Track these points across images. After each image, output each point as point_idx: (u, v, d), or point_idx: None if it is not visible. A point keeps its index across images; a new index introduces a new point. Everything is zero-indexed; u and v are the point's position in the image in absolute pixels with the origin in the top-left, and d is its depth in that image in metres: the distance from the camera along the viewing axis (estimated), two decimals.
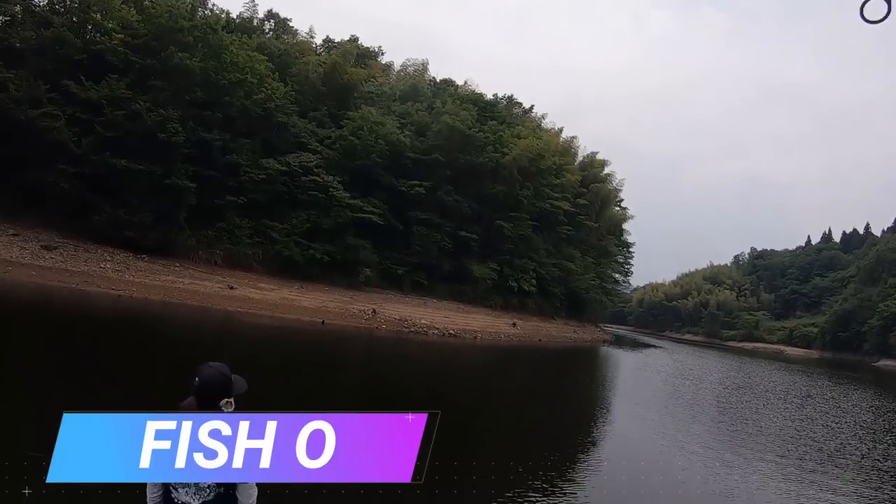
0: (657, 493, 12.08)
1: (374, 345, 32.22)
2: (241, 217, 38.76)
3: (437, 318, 41.48)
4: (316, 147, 44.58)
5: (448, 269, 48.04)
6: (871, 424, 23.73)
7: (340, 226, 40.98)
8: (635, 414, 22.12)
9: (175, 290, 31.31)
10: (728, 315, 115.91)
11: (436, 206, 47.80)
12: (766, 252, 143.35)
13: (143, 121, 33.26)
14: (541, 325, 52.92)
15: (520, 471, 12.20)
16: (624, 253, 79.49)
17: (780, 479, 13.83)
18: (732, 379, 38.88)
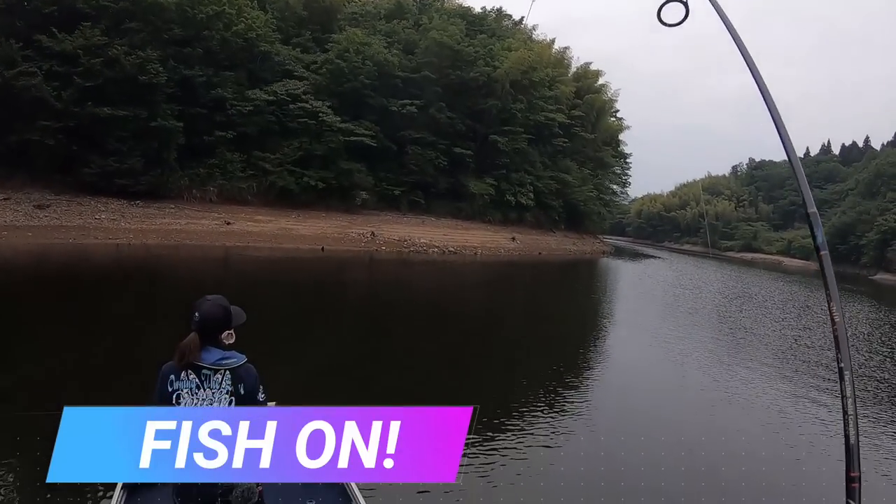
0: (662, 398, 12.61)
1: (375, 267, 32.58)
2: (232, 151, 38.40)
3: (437, 236, 41.72)
4: (302, 73, 43.73)
5: (445, 186, 48.00)
6: (868, 336, 23.72)
7: (333, 151, 40.63)
8: (637, 324, 22.39)
9: (172, 231, 31.53)
10: (727, 226, 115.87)
11: (429, 124, 47.24)
12: (765, 163, 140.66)
13: (122, 66, 32.45)
14: (540, 239, 53.25)
15: (524, 384, 12.62)
16: (621, 164, 78.72)
17: (777, 382, 14.33)
18: (731, 289, 39.08)
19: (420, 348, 15.11)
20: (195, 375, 3.27)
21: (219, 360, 3.29)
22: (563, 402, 11.33)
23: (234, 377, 3.31)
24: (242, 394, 3.31)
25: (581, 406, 11.22)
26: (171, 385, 3.27)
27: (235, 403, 3.29)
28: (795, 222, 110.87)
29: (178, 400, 3.26)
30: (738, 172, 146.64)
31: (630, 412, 11.38)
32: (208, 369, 3.28)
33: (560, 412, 10.73)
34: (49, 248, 25.22)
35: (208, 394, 3.27)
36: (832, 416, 11.99)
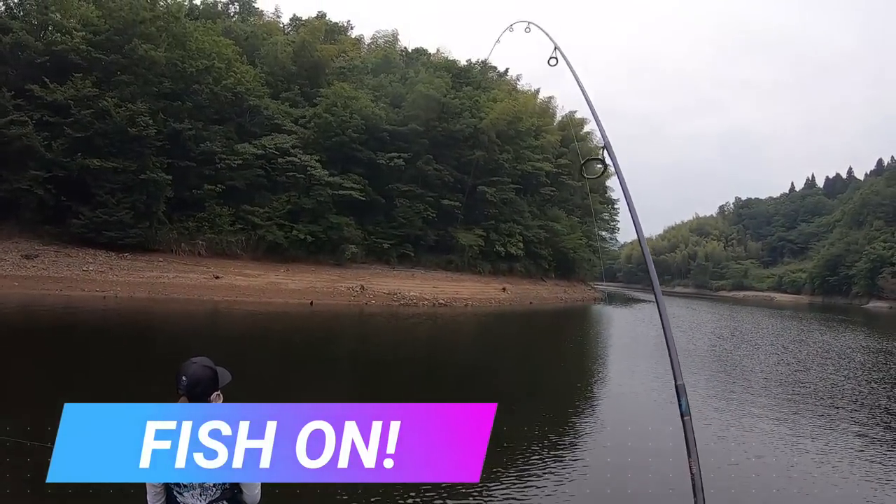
0: (658, 443, 11.80)
1: (365, 321, 32.07)
2: (221, 205, 38.29)
3: (427, 288, 41.40)
4: (291, 127, 43.96)
5: (434, 238, 47.92)
6: (864, 364, 23.88)
7: (322, 205, 40.58)
8: (630, 369, 22.30)
9: (160, 284, 31.03)
10: (717, 265, 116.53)
11: (416, 176, 47.45)
12: (751, 201, 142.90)
13: (112, 118, 32.69)
14: (531, 288, 52.99)
15: (524, 429, 12.13)
16: (609, 210, 78.95)
17: (772, 420, 14.12)
18: (724, 328, 39.02)
19: (412, 399, 14.77)
20: None
21: None
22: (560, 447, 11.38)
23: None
24: None
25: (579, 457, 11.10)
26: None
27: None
28: (785, 257, 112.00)
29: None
30: (725, 212, 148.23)
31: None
32: None
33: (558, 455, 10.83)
34: (36, 298, 24.79)
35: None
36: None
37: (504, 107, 52.58)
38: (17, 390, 11.87)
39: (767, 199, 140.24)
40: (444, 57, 62.73)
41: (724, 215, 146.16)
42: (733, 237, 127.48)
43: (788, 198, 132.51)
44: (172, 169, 35.64)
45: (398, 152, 46.23)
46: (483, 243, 49.99)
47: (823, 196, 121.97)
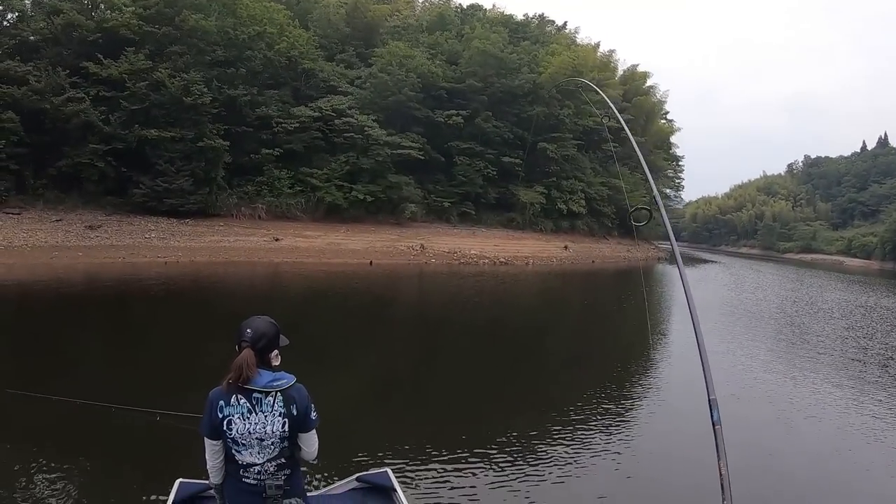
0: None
1: (425, 279, 31.01)
2: (280, 168, 37.32)
3: (487, 247, 39.85)
4: (347, 89, 42.59)
5: (494, 196, 45.95)
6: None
7: (380, 165, 39.11)
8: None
9: (221, 248, 30.52)
10: (784, 226, 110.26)
11: (475, 134, 45.45)
12: (821, 160, 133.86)
13: (167, 88, 32.01)
14: (593, 247, 50.64)
15: (588, 388, 11.94)
16: (673, 167, 75.78)
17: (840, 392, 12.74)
18: (793, 292, 36.19)
19: (472, 361, 14.43)
20: (246, 400, 3.19)
21: (270, 382, 3.21)
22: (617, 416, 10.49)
23: (286, 399, 3.23)
24: (295, 414, 3.25)
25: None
26: (222, 411, 3.18)
27: (289, 425, 3.24)
28: (855, 220, 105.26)
29: (228, 426, 3.18)
30: (794, 171, 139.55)
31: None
32: (259, 392, 3.19)
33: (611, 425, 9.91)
34: (99, 266, 24.48)
35: (261, 418, 3.20)
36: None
37: (563, 60, 49.67)
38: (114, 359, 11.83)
39: (838, 158, 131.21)
40: (501, 12, 60.17)
41: (793, 174, 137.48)
42: (802, 197, 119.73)
43: (860, 157, 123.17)
44: (229, 135, 34.85)
45: (456, 110, 44.37)
46: (544, 201, 47.76)
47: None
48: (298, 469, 3.47)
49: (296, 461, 3.41)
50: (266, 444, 3.22)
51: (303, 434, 3.31)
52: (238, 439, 3.20)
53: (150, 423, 7.47)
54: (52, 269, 22.99)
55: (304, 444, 3.35)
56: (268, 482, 3.26)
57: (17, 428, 7.87)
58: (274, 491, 3.28)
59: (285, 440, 3.25)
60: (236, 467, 3.29)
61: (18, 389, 8.42)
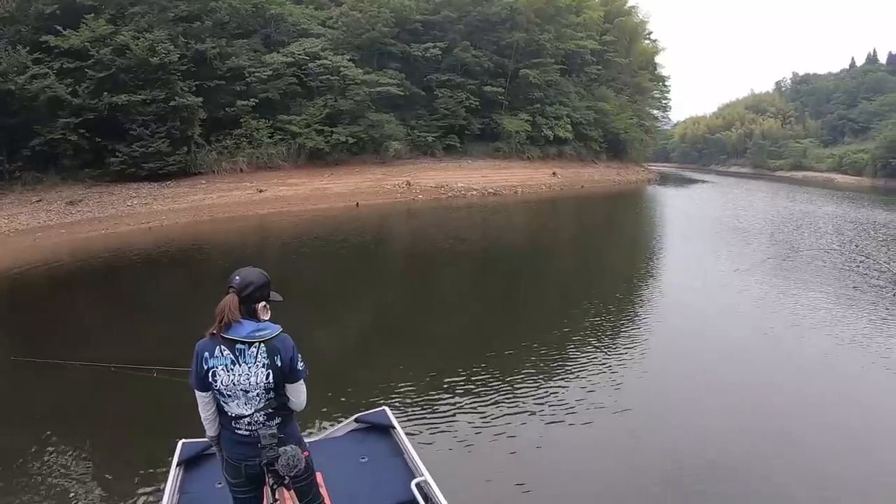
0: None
1: (413, 216, 29.39)
2: (257, 119, 34.79)
3: (475, 178, 37.78)
4: (319, 31, 39.66)
5: (479, 127, 43.33)
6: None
7: (360, 105, 36.65)
8: (691, 247, 20.76)
9: (205, 207, 28.62)
10: (774, 144, 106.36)
11: (455, 65, 42.57)
12: (810, 76, 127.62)
13: (132, 51, 29.42)
14: (581, 171, 48.33)
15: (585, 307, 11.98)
16: (660, 87, 72.38)
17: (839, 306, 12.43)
18: (786, 209, 34.43)
19: (465, 294, 14.39)
20: (229, 351, 3.07)
21: (252, 333, 3.07)
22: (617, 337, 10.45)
23: (269, 349, 3.09)
24: (279, 365, 3.11)
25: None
26: (206, 363, 3.08)
27: (273, 376, 3.10)
28: (845, 137, 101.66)
29: (213, 377, 3.08)
30: (782, 88, 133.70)
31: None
32: (242, 343, 3.06)
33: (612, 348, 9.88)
34: (84, 241, 22.70)
35: (244, 369, 3.07)
36: None
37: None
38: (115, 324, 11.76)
39: (826, 75, 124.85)
40: None
41: (781, 92, 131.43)
42: (791, 115, 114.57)
43: (849, 73, 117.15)
44: (202, 91, 32.27)
45: (433, 42, 41.35)
46: (530, 128, 45.13)
47: (887, 73, 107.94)
48: (292, 416, 3.32)
49: (288, 409, 3.26)
50: (251, 395, 3.10)
51: (289, 385, 3.18)
52: (223, 391, 3.09)
53: (148, 379, 7.31)
54: (37, 250, 21.27)
55: (292, 395, 3.22)
56: (261, 432, 3.09)
57: (23, 393, 8.11)
58: (268, 440, 3.07)
59: (271, 391, 3.12)
60: (228, 419, 3.19)
61: (21, 357, 8.68)
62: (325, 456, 4.21)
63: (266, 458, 3.06)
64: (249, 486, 3.24)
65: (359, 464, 4.36)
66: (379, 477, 4.23)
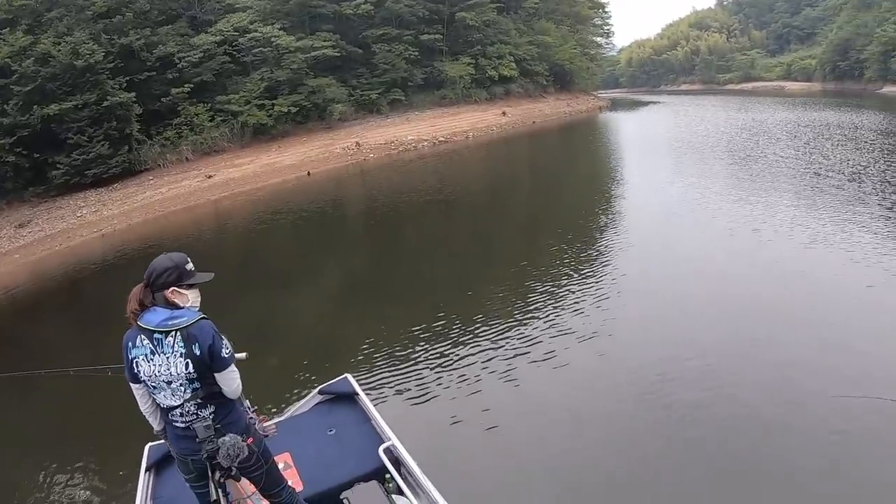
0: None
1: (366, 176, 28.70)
2: (195, 104, 33.37)
3: (424, 129, 36.93)
4: (245, 3, 38.01)
5: (421, 77, 42.14)
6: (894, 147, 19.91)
7: (297, 73, 35.37)
8: (647, 167, 20.83)
9: (155, 203, 27.48)
10: (721, 59, 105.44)
11: (389, 18, 41.11)
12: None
13: (55, 58, 27.83)
14: (531, 107, 47.47)
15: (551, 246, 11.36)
16: (600, 14, 71.18)
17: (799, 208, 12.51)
18: (740, 119, 34.24)
19: (427, 245, 14.17)
20: (148, 340, 2.88)
21: (165, 321, 2.86)
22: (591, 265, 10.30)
23: (185, 338, 2.85)
24: (198, 354, 2.85)
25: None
26: (130, 352, 2.91)
27: (193, 366, 2.86)
28: (791, 45, 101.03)
29: (137, 367, 2.91)
30: (724, 2, 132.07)
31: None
32: (160, 332, 2.85)
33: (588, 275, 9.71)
34: (39, 262, 21.79)
35: (163, 359, 2.86)
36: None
37: None
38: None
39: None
40: None
41: (724, 6, 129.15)
42: (735, 28, 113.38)
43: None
44: (134, 85, 30.75)
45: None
46: (473, 71, 43.99)
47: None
48: (230, 404, 3.02)
49: (224, 397, 2.97)
50: (175, 386, 2.88)
51: (217, 374, 2.89)
52: (148, 382, 2.91)
53: (110, 383, 6.94)
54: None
55: (222, 384, 2.93)
56: (195, 425, 2.89)
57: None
58: (204, 433, 2.87)
59: (195, 381, 2.87)
60: (163, 411, 3.00)
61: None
62: (292, 434, 4.17)
63: (206, 452, 2.89)
64: (202, 480, 3.07)
65: (326, 437, 4.24)
66: (347, 448, 4.11)
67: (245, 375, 3.11)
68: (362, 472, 3.87)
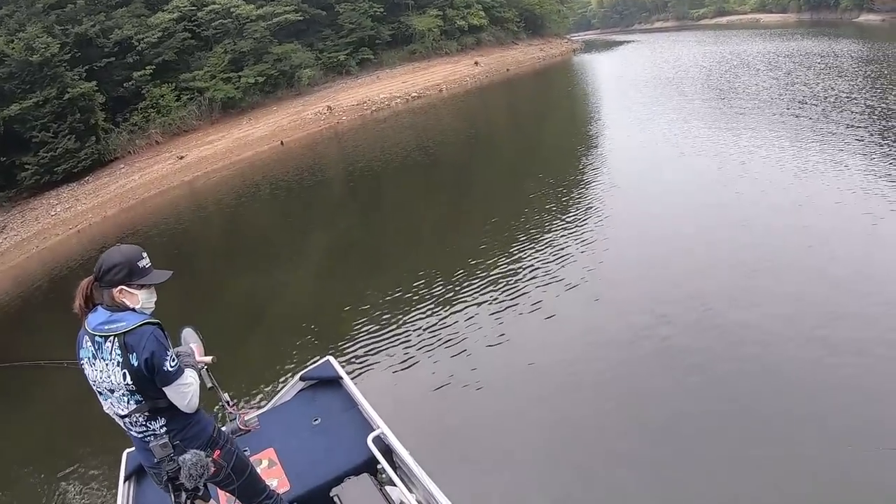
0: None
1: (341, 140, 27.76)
2: (159, 85, 32.04)
3: (395, 86, 35.74)
4: None
5: (389, 34, 40.58)
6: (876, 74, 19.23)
7: (261, 42, 34.01)
8: (626, 106, 19.91)
9: (129, 191, 26.46)
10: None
11: None
12: None
13: (10, 56, 26.63)
14: (504, 55, 46.01)
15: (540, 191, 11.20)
16: None
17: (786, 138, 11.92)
18: (717, 53, 33.31)
19: (407, 208, 13.55)
20: (90, 343, 2.51)
21: (101, 325, 2.48)
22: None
23: (122, 346, 2.43)
24: (135, 366, 2.43)
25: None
26: (79, 352, 2.58)
27: (131, 377, 2.46)
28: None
29: (84, 371, 2.59)
30: None
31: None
32: (100, 336, 2.47)
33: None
34: (19, 267, 20.95)
35: (102, 366, 2.49)
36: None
37: None
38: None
39: None
40: None
41: None
42: None
43: None
44: (94, 74, 29.51)
45: None
46: (442, 23, 42.41)
47: None
48: (188, 416, 2.61)
49: (177, 411, 2.57)
50: (118, 395, 2.52)
51: (164, 388, 2.48)
52: (94, 387, 2.59)
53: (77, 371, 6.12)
54: None
55: (173, 399, 2.53)
56: (151, 444, 2.51)
57: None
58: (160, 452, 2.50)
59: (136, 393, 2.48)
60: (120, 418, 2.61)
61: None
62: (276, 426, 3.93)
63: (166, 474, 2.54)
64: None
65: (311, 428, 3.97)
66: (334, 438, 3.86)
67: (223, 366, 2.82)
68: (352, 466, 3.61)
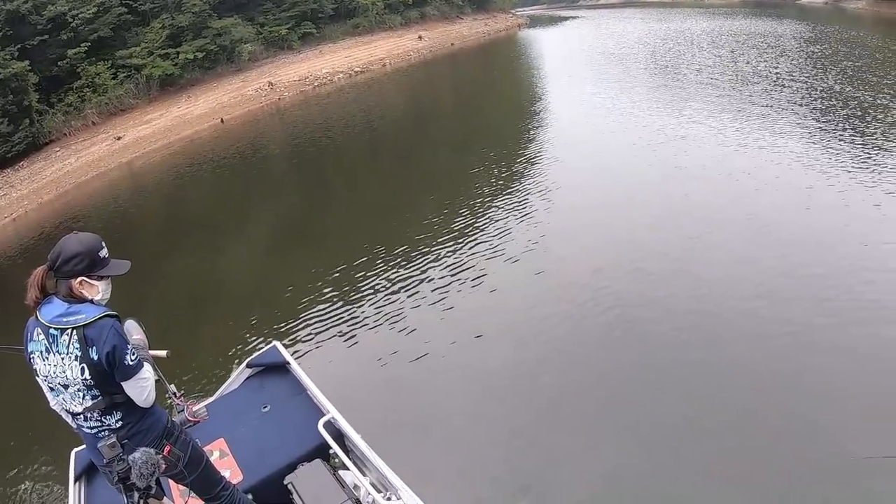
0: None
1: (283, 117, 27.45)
2: (94, 63, 30.79)
3: (338, 61, 35.25)
4: None
5: (332, 7, 39.60)
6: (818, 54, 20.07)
7: (199, 15, 32.95)
8: (570, 82, 20.24)
9: (65, 175, 25.48)
10: None
11: None
12: None
13: None
14: (449, 29, 45.75)
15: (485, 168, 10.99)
16: None
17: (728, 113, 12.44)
18: (661, 30, 33.88)
19: (351, 183, 13.48)
20: (44, 336, 2.41)
21: (58, 317, 2.38)
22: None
23: (81, 339, 2.35)
24: (95, 359, 2.36)
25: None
26: (28, 345, 2.48)
27: (90, 372, 2.38)
28: None
29: (33, 364, 2.49)
30: None
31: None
32: (55, 329, 2.38)
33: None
34: None
35: (57, 360, 2.39)
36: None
37: None
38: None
39: None
40: None
41: None
42: None
43: None
44: (26, 52, 28.06)
45: None
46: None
47: None
48: (144, 412, 2.55)
49: (134, 405, 2.51)
50: (72, 391, 2.43)
51: (123, 382, 2.42)
52: (44, 383, 2.49)
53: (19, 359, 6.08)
54: None
55: (130, 394, 2.47)
56: (99, 445, 2.45)
57: None
58: (109, 453, 2.43)
59: (93, 388, 2.41)
60: (71, 415, 2.54)
61: None
62: (225, 416, 3.86)
63: (116, 475, 2.47)
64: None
65: (261, 415, 3.89)
66: (284, 426, 3.79)
67: (170, 359, 2.83)
68: (304, 452, 3.56)
